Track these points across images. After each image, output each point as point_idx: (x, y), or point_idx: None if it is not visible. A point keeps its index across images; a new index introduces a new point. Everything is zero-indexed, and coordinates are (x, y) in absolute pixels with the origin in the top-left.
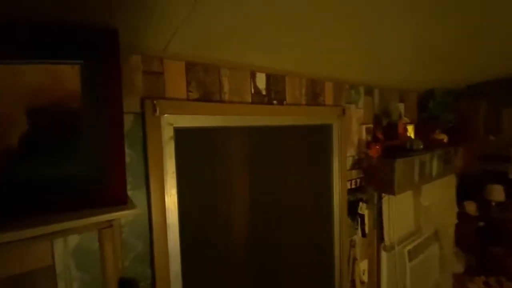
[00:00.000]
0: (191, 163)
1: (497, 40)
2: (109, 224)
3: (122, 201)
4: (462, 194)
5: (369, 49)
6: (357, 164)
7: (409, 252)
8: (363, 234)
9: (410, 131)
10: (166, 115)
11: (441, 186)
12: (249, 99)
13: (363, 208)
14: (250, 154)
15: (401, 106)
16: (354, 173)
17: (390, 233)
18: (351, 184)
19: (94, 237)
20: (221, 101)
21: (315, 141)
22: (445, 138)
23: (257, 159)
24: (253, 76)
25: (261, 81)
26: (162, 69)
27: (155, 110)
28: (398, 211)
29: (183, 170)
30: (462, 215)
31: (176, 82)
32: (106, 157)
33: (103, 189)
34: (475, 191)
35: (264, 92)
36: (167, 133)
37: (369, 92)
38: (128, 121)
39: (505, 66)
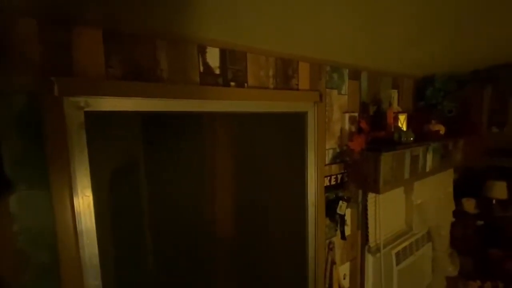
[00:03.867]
0: (120, 156)
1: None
2: None
3: None
4: (461, 191)
5: (355, 23)
6: (338, 158)
7: (397, 254)
8: (343, 236)
9: (402, 122)
10: (72, 96)
11: (436, 182)
12: (198, 80)
13: (343, 208)
14: (204, 145)
15: (394, 93)
16: (335, 168)
17: (376, 234)
18: (330, 181)
19: None
20: (157, 80)
21: (287, 131)
22: (441, 129)
23: (214, 151)
24: (202, 51)
25: (213, 57)
26: (68, 38)
27: (52, 90)
28: (387, 210)
29: (105, 166)
30: (459, 213)
31: (89, 55)
32: None
33: None
34: (475, 187)
35: (217, 71)
36: (75, 119)
37: (355, 76)
38: (19, 103)
39: None
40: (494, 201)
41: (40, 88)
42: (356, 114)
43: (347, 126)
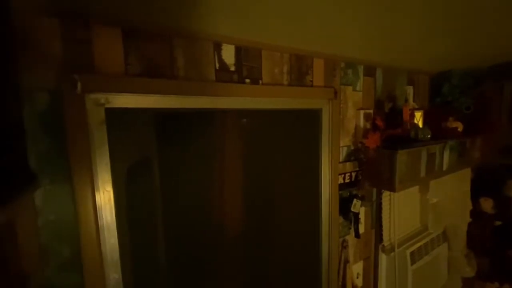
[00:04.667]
0: (138, 152)
1: None
2: None
3: None
4: (478, 190)
5: (369, 17)
6: (353, 155)
7: (412, 254)
8: (357, 235)
9: (418, 119)
10: (93, 93)
11: (452, 181)
12: (213, 77)
13: (357, 206)
14: (220, 142)
15: (409, 89)
16: (349, 166)
17: (390, 233)
18: (344, 179)
19: None
20: (173, 77)
21: (301, 129)
22: (460, 126)
23: (229, 148)
24: (217, 48)
25: (228, 54)
26: (89, 36)
27: (75, 87)
28: (401, 209)
29: (125, 161)
30: (476, 213)
31: (109, 53)
32: None
33: None
34: (493, 186)
35: (232, 68)
36: (96, 116)
37: (370, 72)
38: (43, 100)
39: None
40: None
41: (62, 85)
42: (371, 111)
43: (362, 123)
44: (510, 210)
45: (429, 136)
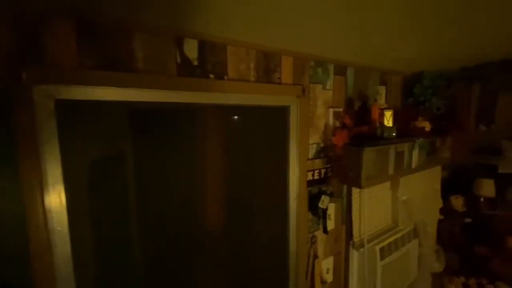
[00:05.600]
0: (95, 146)
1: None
2: None
3: None
4: (450, 188)
5: (339, 17)
6: (322, 152)
7: (381, 249)
8: (325, 231)
9: (388, 118)
10: (42, 84)
11: (423, 179)
12: (174, 71)
13: (325, 202)
14: (181, 137)
15: (381, 89)
16: (318, 162)
17: (360, 229)
18: (313, 175)
19: None
20: (132, 70)
21: (269, 125)
22: (427, 126)
23: (194, 144)
24: (179, 42)
25: (191, 49)
26: (41, 28)
27: (20, 78)
28: (372, 205)
29: (79, 156)
30: (447, 211)
31: (61, 45)
32: None
33: None
34: (463, 185)
35: (195, 63)
36: (45, 108)
37: (341, 71)
38: None
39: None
40: (482, 199)
41: (8, 76)
42: (341, 110)
43: (331, 121)
44: (479, 208)
45: (394, 134)
